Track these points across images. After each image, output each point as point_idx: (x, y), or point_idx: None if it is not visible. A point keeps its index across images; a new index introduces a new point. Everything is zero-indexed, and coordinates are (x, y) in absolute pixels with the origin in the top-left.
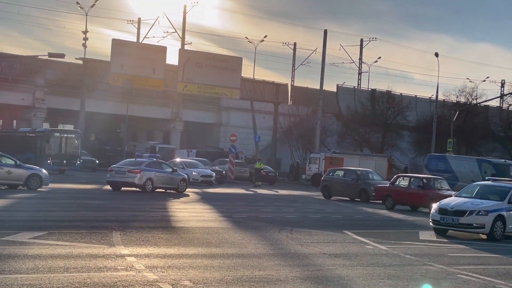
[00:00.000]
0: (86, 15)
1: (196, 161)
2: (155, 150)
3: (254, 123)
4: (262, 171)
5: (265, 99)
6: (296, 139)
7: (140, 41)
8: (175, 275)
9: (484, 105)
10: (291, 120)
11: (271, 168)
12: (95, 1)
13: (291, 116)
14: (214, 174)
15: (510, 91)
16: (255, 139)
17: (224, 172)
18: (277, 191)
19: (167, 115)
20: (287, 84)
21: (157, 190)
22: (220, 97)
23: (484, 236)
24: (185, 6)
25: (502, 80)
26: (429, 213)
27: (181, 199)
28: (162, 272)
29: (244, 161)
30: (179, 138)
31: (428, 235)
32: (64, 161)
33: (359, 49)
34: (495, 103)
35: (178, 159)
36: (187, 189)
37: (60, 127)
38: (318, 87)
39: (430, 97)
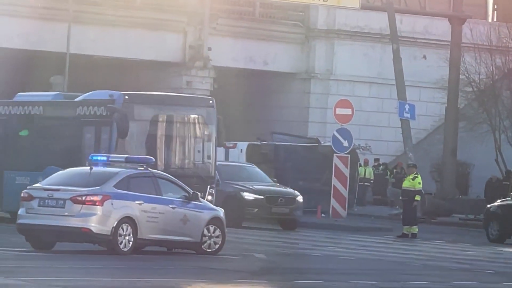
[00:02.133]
0: None
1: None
2: None
3: (399, 69)
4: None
5: (425, 11)
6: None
7: None
8: None
9: None
10: (498, 63)
11: None
12: None
13: (496, 52)
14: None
15: None
16: (401, 114)
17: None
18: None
19: (174, 54)
20: None
21: (146, 249)
22: (309, 6)
23: None
24: None
25: None
26: None
27: None
28: None
29: (375, 171)
30: None
31: None
32: None
33: None
34: None
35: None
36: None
37: None
38: None
39: None
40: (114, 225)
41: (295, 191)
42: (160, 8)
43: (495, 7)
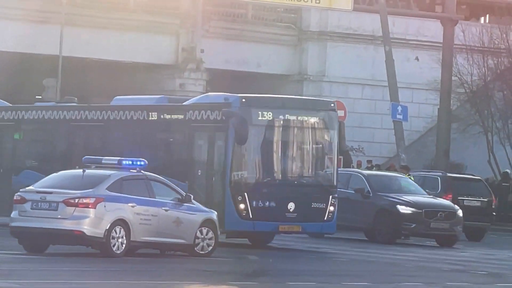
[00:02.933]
0: None
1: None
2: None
3: (392, 71)
4: None
5: (418, 12)
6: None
7: None
8: None
9: None
10: (490, 65)
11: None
12: None
13: (488, 53)
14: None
15: None
16: (394, 116)
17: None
18: None
19: (167, 56)
20: None
21: (139, 251)
22: (301, 9)
23: None
24: None
25: None
26: None
27: None
28: None
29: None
30: None
31: None
32: None
33: None
34: None
35: None
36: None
37: None
38: None
39: None
40: (107, 228)
41: (455, 205)
42: (153, 11)
43: None
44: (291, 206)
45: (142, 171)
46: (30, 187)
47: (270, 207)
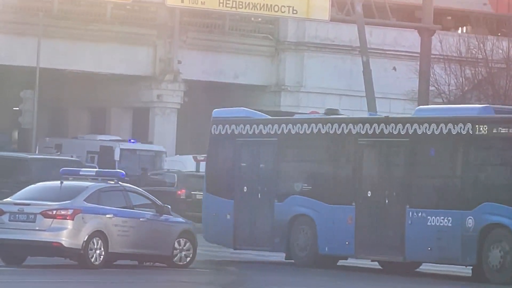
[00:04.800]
0: None
1: None
2: (113, 159)
3: (369, 81)
4: None
5: (395, 22)
6: None
7: None
8: None
9: None
10: (467, 74)
11: None
12: None
13: (465, 63)
14: None
15: None
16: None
17: None
18: None
19: (145, 67)
20: None
21: (117, 262)
22: (278, 19)
23: None
24: None
25: None
26: None
27: None
28: None
29: None
30: (174, 126)
31: None
32: None
33: None
34: None
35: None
36: None
37: None
38: None
39: None
40: (85, 239)
41: None
42: (130, 22)
43: None
44: None
45: (119, 182)
46: (8, 199)
47: None
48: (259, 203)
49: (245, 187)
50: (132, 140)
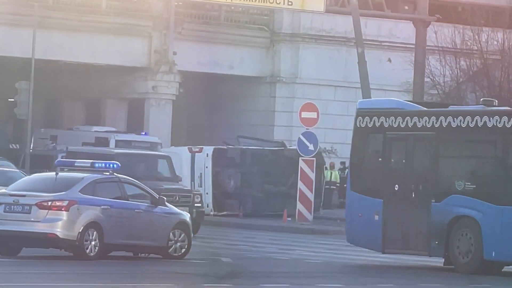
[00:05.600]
0: None
1: None
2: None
3: (364, 72)
4: None
5: (390, 14)
6: None
7: None
8: None
9: None
10: (463, 66)
11: None
12: None
13: (460, 55)
14: None
15: None
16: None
17: None
18: None
19: (140, 59)
20: None
21: (113, 253)
22: (274, 11)
23: None
24: None
25: None
26: None
27: None
28: None
29: (341, 174)
30: (169, 117)
31: None
32: None
33: None
34: None
35: None
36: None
37: None
38: None
39: None
40: (80, 230)
41: None
42: (125, 13)
43: None
44: None
45: (115, 173)
46: (3, 190)
47: None
48: (413, 203)
49: (397, 185)
50: (143, 133)
